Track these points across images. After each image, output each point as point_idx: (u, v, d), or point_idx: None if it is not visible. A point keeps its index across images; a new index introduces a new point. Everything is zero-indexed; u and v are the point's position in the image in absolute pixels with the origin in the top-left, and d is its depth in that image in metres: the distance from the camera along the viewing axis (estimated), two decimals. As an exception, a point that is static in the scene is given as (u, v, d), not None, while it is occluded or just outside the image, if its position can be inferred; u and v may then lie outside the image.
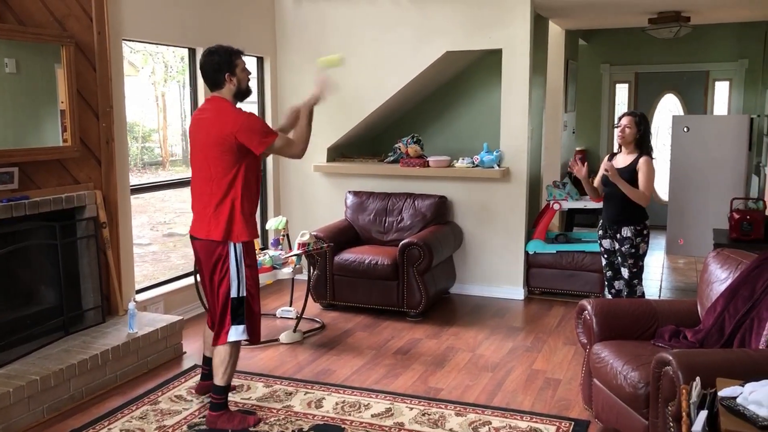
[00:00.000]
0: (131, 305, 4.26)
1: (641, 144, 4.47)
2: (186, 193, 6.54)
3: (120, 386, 4.08)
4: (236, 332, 3.47)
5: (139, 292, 5.02)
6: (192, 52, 5.46)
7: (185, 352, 4.62)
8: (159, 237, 8.71)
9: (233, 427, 3.49)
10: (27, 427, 3.53)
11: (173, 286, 5.34)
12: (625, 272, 4.57)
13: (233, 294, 3.45)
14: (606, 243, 4.66)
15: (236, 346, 3.53)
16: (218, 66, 3.47)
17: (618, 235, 4.54)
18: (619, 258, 4.59)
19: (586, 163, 4.66)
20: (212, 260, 3.48)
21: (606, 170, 4.40)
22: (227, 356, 3.49)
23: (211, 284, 3.52)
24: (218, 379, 3.51)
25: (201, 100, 5.49)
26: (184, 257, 7.71)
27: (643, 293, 4.63)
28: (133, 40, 5.04)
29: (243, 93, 3.57)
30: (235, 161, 3.41)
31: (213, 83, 3.51)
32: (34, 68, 4.11)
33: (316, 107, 3.70)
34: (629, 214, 4.48)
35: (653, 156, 4.51)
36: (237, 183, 3.43)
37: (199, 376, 3.99)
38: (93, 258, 4.40)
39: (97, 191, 4.42)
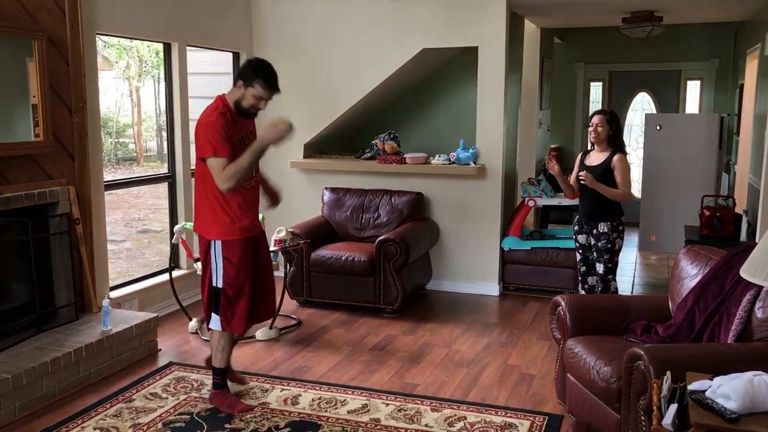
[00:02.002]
0: (105, 302, 4.22)
1: (614, 141, 4.54)
2: (161, 189, 6.49)
3: (94, 384, 4.04)
4: (214, 321, 3.66)
5: (113, 289, 4.97)
6: (167, 47, 5.40)
7: (160, 350, 4.59)
8: (133, 233, 8.63)
9: (223, 409, 3.65)
10: (-2, 426, 3.49)
11: (148, 282, 5.30)
12: (600, 267, 4.63)
13: (213, 283, 3.62)
14: (581, 238, 4.73)
15: (226, 332, 3.68)
16: (241, 71, 3.52)
17: (594, 231, 4.60)
18: (594, 253, 4.65)
19: (558, 162, 4.73)
20: (203, 252, 3.68)
21: (582, 178, 4.46)
22: (217, 341, 3.69)
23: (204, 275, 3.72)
24: (214, 361, 3.73)
25: (177, 96, 5.45)
26: (158, 254, 7.64)
27: (617, 288, 4.71)
28: (107, 35, 4.98)
29: (242, 110, 3.54)
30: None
31: (234, 80, 3.59)
32: (5, 62, 4.04)
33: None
34: (606, 209, 4.55)
35: (626, 152, 4.59)
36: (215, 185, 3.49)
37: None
38: (66, 254, 4.35)
39: (70, 187, 4.37)
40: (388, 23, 5.88)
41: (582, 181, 4.48)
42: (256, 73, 3.46)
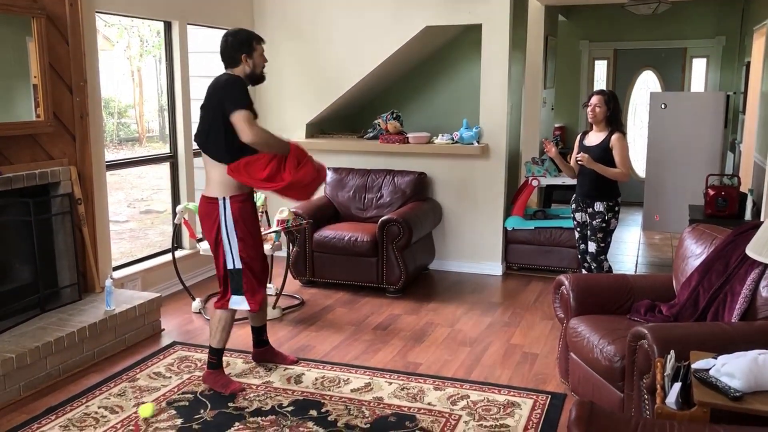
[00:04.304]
0: (108, 282, 4.22)
1: (612, 121, 4.52)
2: (163, 169, 6.47)
3: (97, 363, 4.06)
4: (236, 302, 3.65)
5: (116, 269, 4.97)
6: (168, 26, 5.36)
7: (163, 329, 4.60)
8: (136, 214, 8.63)
9: (216, 388, 3.66)
10: (3, 405, 3.50)
11: (151, 263, 5.30)
12: (592, 246, 4.64)
13: (229, 266, 3.60)
14: (579, 216, 4.75)
15: (231, 313, 3.70)
16: (238, 46, 3.55)
17: (590, 209, 4.61)
18: (588, 231, 4.66)
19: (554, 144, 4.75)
20: (212, 230, 3.60)
21: (579, 159, 4.47)
22: (218, 320, 3.69)
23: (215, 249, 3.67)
24: (211, 340, 3.71)
25: (178, 75, 5.41)
26: (161, 234, 7.65)
27: (610, 268, 4.72)
28: (106, 13, 4.93)
29: (257, 78, 3.63)
30: None
31: (229, 61, 3.58)
32: (5, 41, 4.01)
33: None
34: (602, 189, 4.55)
35: (625, 132, 4.57)
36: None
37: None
38: (68, 235, 4.34)
39: (71, 167, 4.35)
40: (390, 1, 5.81)
41: (580, 162, 4.48)
42: (249, 38, 3.59)
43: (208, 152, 3.55)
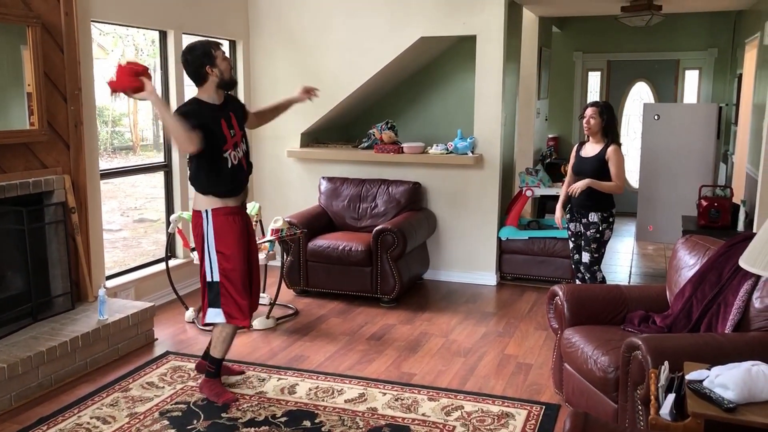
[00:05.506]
0: (101, 291, 4.21)
1: (608, 132, 4.55)
2: (157, 178, 6.47)
3: (90, 373, 4.04)
4: (212, 315, 3.62)
5: (109, 278, 4.95)
6: (163, 35, 5.36)
7: (156, 339, 4.58)
8: (129, 223, 8.60)
9: (210, 397, 3.66)
10: (-6, 416, 3.48)
11: (144, 272, 5.28)
12: (586, 256, 4.65)
13: (208, 278, 3.60)
14: (573, 226, 4.78)
15: (229, 325, 3.67)
16: (200, 60, 3.51)
17: (584, 220, 4.63)
18: (582, 242, 4.68)
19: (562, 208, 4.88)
20: (198, 243, 3.63)
21: (571, 193, 4.54)
22: (219, 332, 3.68)
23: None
24: (212, 350, 3.71)
25: (172, 84, 5.41)
26: (155, 243, 7.62)
27: (604, 278, 4.73)
28: (102, 22, 4.93)
29: (227, 83, 3.61)
30: None
31: (196, 78, 3.56)
32: (-1, 49, 4.01)
33: None
34: (597, 200, 4.58)
35: (621, 143, 4.60)
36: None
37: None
38: (62, 244, 4.33)
39: (65, 176, 4.34)
40: (385, 12, 5.84)
41: (573, 196, 4.55)
42: (207, 49, 3.53)
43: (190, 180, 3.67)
